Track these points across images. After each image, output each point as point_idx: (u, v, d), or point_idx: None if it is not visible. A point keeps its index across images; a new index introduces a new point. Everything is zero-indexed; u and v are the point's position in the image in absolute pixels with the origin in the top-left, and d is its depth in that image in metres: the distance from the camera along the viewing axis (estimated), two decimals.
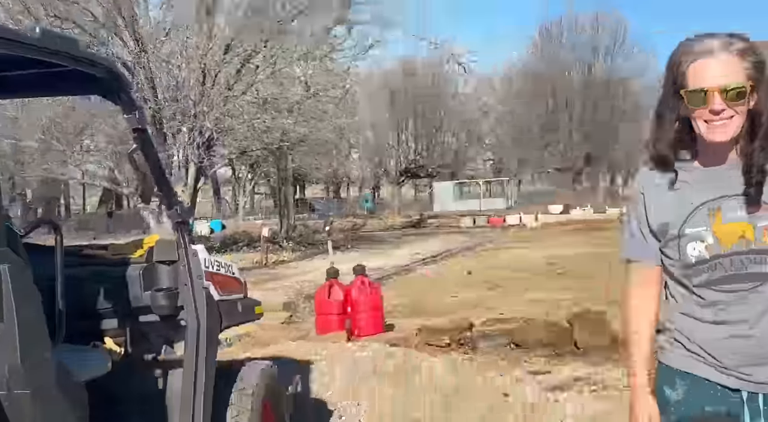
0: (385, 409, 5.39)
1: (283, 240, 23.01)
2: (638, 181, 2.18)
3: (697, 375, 2.04)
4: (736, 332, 1.97)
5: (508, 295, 11.15)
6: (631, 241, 2.15)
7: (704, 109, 1.89)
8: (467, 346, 7.52)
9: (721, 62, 1.88)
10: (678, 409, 2.07)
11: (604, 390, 5.99)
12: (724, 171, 1.98)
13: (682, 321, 2.07)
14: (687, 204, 1.98)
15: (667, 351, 2.11)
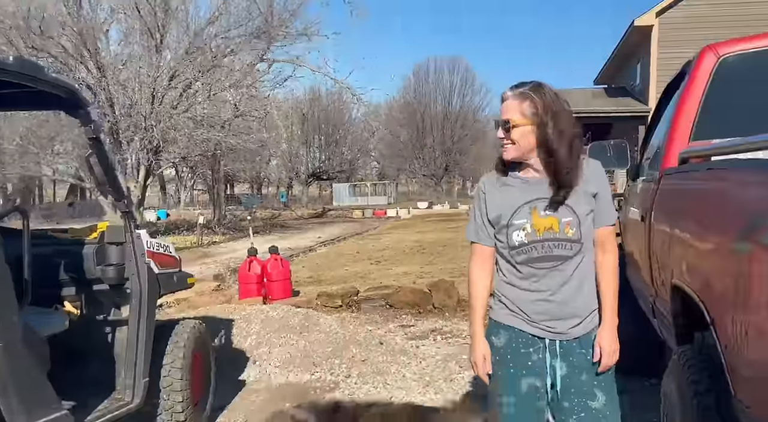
0: (291, 354, 5.35)
1: (215, 226, 22.44)
2: (482, 182, 2.27)
3: (514, 327, 2.19)
4: (543, 297, 2.14)
5: (386, 269, 11.25)
6: (474, 228, 2.27)
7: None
8: (354, 307, 7.55)
9: (506, 104, 2.09)
10: (502, 351, 2.22)
11: (453, 338, 6.15)
12: (541, 180, 2.12)
13: (506, 289, 2.21)
14: (515, 202, 2.13)
15: (495, 310, 2.26)
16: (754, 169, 1.83)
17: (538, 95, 2.06)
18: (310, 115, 50.68)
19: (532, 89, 2.07)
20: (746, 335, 1.67)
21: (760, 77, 3.03)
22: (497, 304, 2.24)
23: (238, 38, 19.01)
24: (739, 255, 1.72)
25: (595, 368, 2.16)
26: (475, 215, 2.26)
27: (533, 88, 2.07)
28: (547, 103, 2.06)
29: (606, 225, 2.20)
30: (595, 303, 2.20)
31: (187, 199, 44.49)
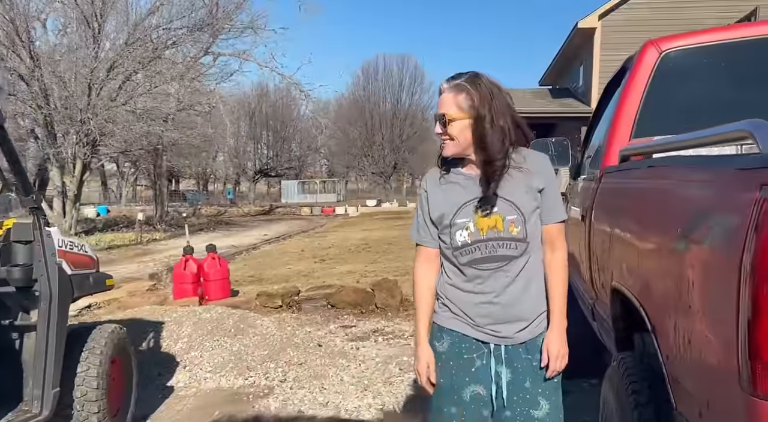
0: (224, 357, 5.09)
1: (156, 223, 21.74)
2: (424, 180, 2.14)
3: (457, 331, 2.05)
4: (488, 299, 2.00)
5: (330, 267, 11.02)
6: (417, 228, 2.13)
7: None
8: (295, 307, 7.30)
9: (442, 97, 1.95)
10: (444, 357, 2.08)
11: (394, 339, 5.99)
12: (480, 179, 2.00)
13: (450, 291, 2.07)
14: (457, 200, 2.00)
15: (438, 314, 2.11)
16: (694, 166, 1.71)
17: (474, 87, 1.92)
18: (258, 110, 49.94)
19: (468, 81, 1.92)
20: (689, 344, 1.55)
21: (702, 73, 2.96)
22: (441, 307, 2.11)
23: (180, 30, 18.40)
24: (680, 256, 1.59)
25: (541, 375, 2.05)
26: (418, 214, 2.14)
27: (469, 80, 1.93)
28: (483, 94, 1.91)
29: (554, 222, 2.06)
30: (544, 306, 2.07)
31: (129, 195, 43.17)
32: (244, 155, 50.87)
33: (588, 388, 4.35)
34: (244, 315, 5.87)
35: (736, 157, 1.60)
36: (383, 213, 31.19)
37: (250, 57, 20.72)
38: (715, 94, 2.97)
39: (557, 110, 20.14)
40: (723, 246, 1.35)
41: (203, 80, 20.60)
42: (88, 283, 3.75)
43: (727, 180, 1.40)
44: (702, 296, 1.46)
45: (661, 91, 2.94)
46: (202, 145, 27.20)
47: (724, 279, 1.33)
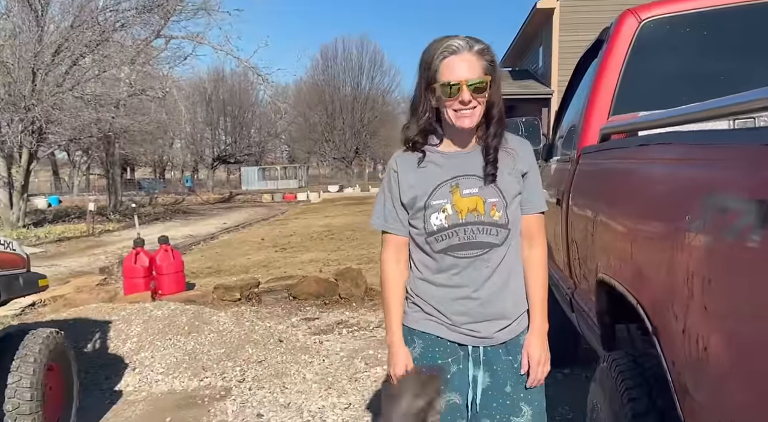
0: (177, 357, 4.77)
1: (110, 213, 20.97)
2: (393, 160, 1.87)
3: (430, 333, 1.82)
4: (465, 294, 1.80)
5: (291, 256, 10.69)
6: (383, 214, 1.86)
7: (454, 100, 1.70)
8: (254, 300, 6.99)
9: (465, 60, 1.69)
10: (416, 364, 1.84)
11: (359, 331, 5.75)
12: (465, 154, 1.82)
13: (421, 287, 1.82)
14: (433, 180, 1.79)
15: (408, 314, 1.86)
16: (701, 143, 1.47)
17: (491, 48, 1.76)
18: (215, 95, 48.85)
19: (485, 44, 1.75)
20: (705, 351, 1.31)
21: (684, 43, 2.74)
22: (410, 307, 1.88)
23: (129, 12, 17.63)
24: (691, 247, 1.36)
25: (524, 377, 1.90)
26: (385, 199, 1.87)
27: (485, 43, 1.76)
28: (495, 55, 1.77)
29: (534, 213, 1.87)
30: (525, 303, 1.89)
31: (82, 185, 41.83)
32: (202, 142, 49.79)
33: (562, 378, 4.19)
34: (199, 310, 5.53)
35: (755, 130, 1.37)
36: (346, 198, 30.83)
37: (204, 40, 20.04)
38: (698, 65, 2.76)
39: (517, 91, 20.04)
40: (754, 237, 1.11)
41: (155, 64, 19.85)
42: (17, 285, 3.39)
43: (751, 157, 1.16)
44: (723, 296, 1.23)
45: (641, 63, 2.72)
46: (156, 132, 26.46)
47: (755, 282, 1.09)
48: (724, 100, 1.39)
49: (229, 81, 49.58)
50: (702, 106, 1.57)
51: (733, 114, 1.43)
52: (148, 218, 20.94)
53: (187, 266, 8.35)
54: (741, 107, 1.32)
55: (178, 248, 11.46)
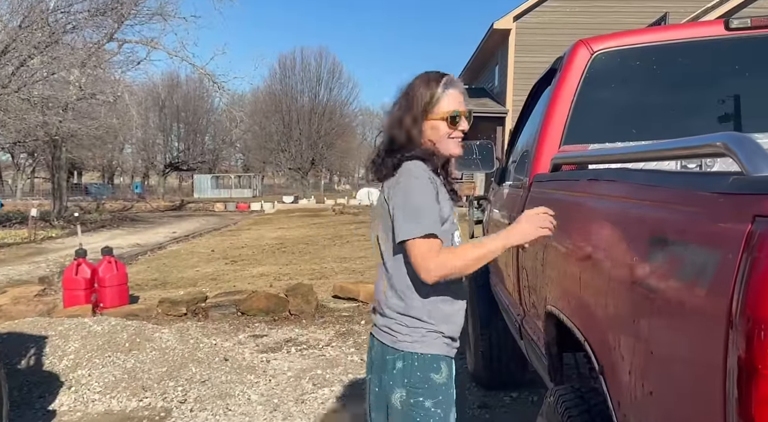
0: (116, 376, 4.58)
1: (54, 219, 20.24)
2: (425, 171, 1.78)
3: (449, 356, 1.86)
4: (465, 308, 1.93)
5: (242, 269, 10.48)
6: (433, 219, 1.75)
7: (455, 129, 1.83)
8: (201, 315, 6.80)
9: (463, 93, 1.85)
10: (444, 389, 1.84)
11: (308, 349, 5.64)
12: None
13: (440, 310, 1.83)
14: (450, 203, 1.87)
15: (428, 342, 1.83)
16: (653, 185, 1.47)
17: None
18: (169, 101, 47.97)
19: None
20: (650, 395, 1.30)
21: (635, 76, 2.79)
22: (429, 335, 1.82)
23: (81, 14, 17.15)
24: (637, 291, 1.35)
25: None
26: (430, 207, 1.74)
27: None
28: None
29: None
30: None
31: (25, 188, 40.37)
32: (154, 147, 48.80)
33: (510, 402, 4.18)
34: (141, 326, 5.34)
35: (710, 175, 1.38)
36: (300, 210, 30.56)
37: (158, 45, 19.63)
38: (648, 98, 2.81)
39: (473, 109, 20.13)
40: (700, 288, 1.10)
41: (107, 68, 19.32)
42: None
43: (704, 205, 1.16)
44: (670, 343, 1.22)
45: (593, 94, 2.75)
46: (106, 137, 25.75)
47: (702, 329, 1.09)
48: (672, 143, 1.39)
49: (184, 87, 48.85)
50: (651, 146, 1.57)
51: (680, 157, 1.43)
52: (94, 225, 20.31)
53: (132, 277, 8.09)
54: (688, 151, 1.33)
55: (123, 258, 11.13)
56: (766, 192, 0.99)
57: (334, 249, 13.10)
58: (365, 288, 7.34)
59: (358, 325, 6.42)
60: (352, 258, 11.29)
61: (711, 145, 1.24)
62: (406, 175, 1.76)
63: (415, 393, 1.79)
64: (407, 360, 1.80)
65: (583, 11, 18.51)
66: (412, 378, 1.79)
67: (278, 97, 48.17)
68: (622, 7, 18.25)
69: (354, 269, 9.88)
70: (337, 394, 4.44)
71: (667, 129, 2.56)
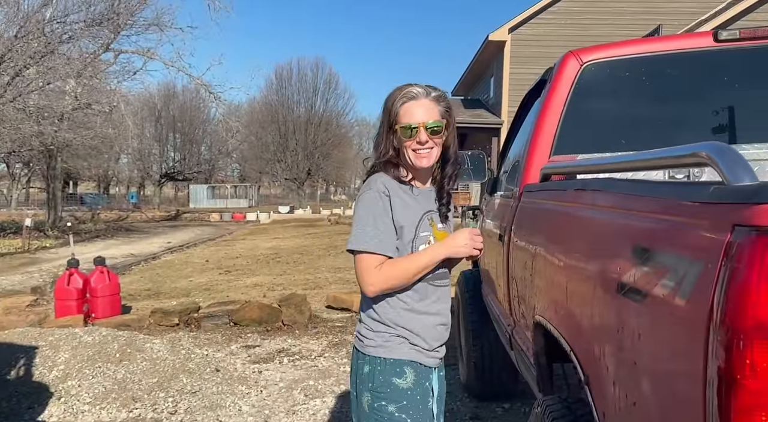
0: (106, 387, 4.55)
1: (48, 229, 20.16)
2: (380, 182, 1.87)
3: (416, 361, 1.87)
4: (441, 321, 1.94)
5: (235, 279, 10.44)
6: (376, 234, 1.81)
7: (413, 141, 1.84)
8: (193, 325, 6.76)
9: (423, 105, 1.85)
10: (409, 394, 1.86)
11: (301, 360, 5.61)
12: (427, 191, 1.96)
13: (406, 318, 1.87)
14: (417, 210, 1.90)
15: (391, 347, 1.87)
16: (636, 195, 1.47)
17: (446, 97, 1.94)
18: (165, 111, 48.01)
19: (441, 91, 1.93)
20: (634, 406, 1.30)
21: (624, 86, 2.80)
22: (393, 339, 1.88)
23: (77, 24, 17.18)
24: (621, 301, 1.35)
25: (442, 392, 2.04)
26: (377, 220, 1.82)
27: (440, 91, 1.93)
28: (450, 104, 1.94)
29: None
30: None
31: (21, 198, 40.25)
32: (150, 157, 48.77)
33: (502, 413, 4.16)
34: (132, 337, 5.31)
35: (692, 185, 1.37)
36: (296, 220, 30.55)
37: (155, 55, 19.70)
38: (637, 109, 2.82)
39: (469, 120, 20.38)
40: (681, 298, 1.10)
41: (103, 78, 19.34)
42: None
43: (686, 215, 1.16)
44: (652, 353, 1.21)
45: (582, 105, 2.75)
46: (101, 146, 25.72)
47: (683, 338, 1.08)
48: (657, 153, 1.39)
49: (180, 97, 48.90)
50: (638, 156, 1.57)
51: (667, 166, 1.44)
52: (88, 235, 20.25)
53: (125, 287, 8.07)
54: (673, 161, 1.33)
55: (117, 268, 11.11)
56: (745, 201, 0.98)
57: (328, 259, 13.08)
58: (359, 298, 7.31)
59: (351, 336, 6.39)
60: (346, 268, 11.27)
61: (694, 154, 1.24)
62: (364, 188, 1.90)
63: (378, 396, 1.84)
64: (372, 364, 1.86)
65: (577, 23, 18.63)
66: (375, 382, 1.85)
67: (275, 107, 48.21)
68: (615, 20, 18.38)
69: (348, 279, 9.86)
70: (329, 405, 4.42)
71: (656, 140, 2.56)
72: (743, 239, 0.95)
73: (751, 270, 0.93)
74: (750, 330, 0.93)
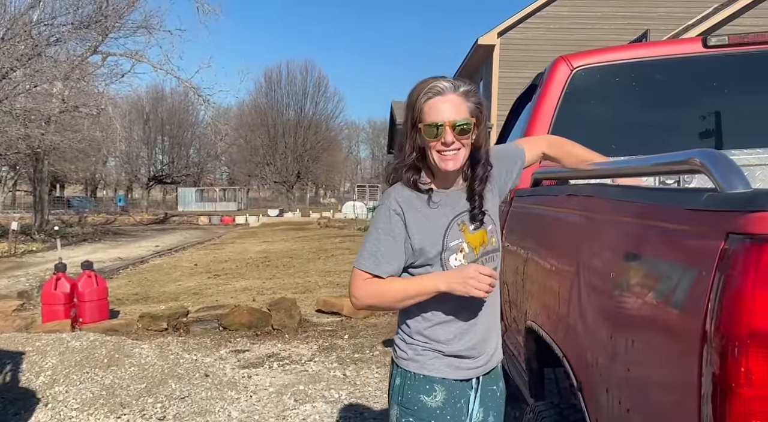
0: (94, 392, 4.50)
1: (35, 232, 19.98)
2: (394, 200, 1.73)
3: (450, 378, 1.73)
4: (475, 325, 1.75)
5: (225, 283, 10.39)
6: (378, 257, 1.71)
7: (437, 141, 1.66)
8: (182, 330, 6.71)
9: (450, 101, 1.66)
10: (439, 413, 1.72)
11: (291, 364, 5.58)
12: (458, 192, 1.76)
13: (437, 331, 1.72)
14: (442, 220, 1.72)
15: (423, 362, 1.74)
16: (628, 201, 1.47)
17: (477, 91, 1.75)
18: (153, 114, 47.77)
19: (471, 86, 1.73)
20: (627, 413, 1.30)
21: (613, 92, 2.82)
22: (425, 354, 1.74)
23: (64, 26, 17.06)
24: (616, 308, 1.35)
25: (502, 404, 1.86)
26: (379, 241, 1.71)
27: (470, 85, 1.73)
28: (482, 98, 1.74)
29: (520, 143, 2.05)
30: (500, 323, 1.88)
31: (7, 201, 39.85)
32: (138, 160, 48.49)
33: None
34: (120, 342, 5.26)
35: (685, 192, 1.38)
36: (285, 223, 30.44)
37: (143, 58, 19.58)
38: (626, 114, 2.83)
39: None
40: (675, 305, 1.10)
41: (91, 81, 19.20)
42: None
43: (679, 222, 1.16)
44: (646, 360, 1.21)
45: (572, 109, 2.76)
46: (89, 149, 25.57)
47: (677, 346, 1.08)
48: (649, 159, 1.40)
49: (169, 100, 48.68)
50: (630, 162, 1.58)
51: (659, 173, 1.44)
52: (75, 239, 20.08)
53: (112, 292, 8.00)
54: (665, 167, 1.33)
55: (104, 272, 11.01)
56: (739, 209, 0.98)
57: (318, 262, 13.04)
58: (349, 302, 7.29)
59: (341, 340, 6.37)
60: (336, 271, 11.24)
61: (687, 161, 1.24)
62: (380, 200, 1.80)
63: (405, 412, 1.73)
64: (403, 377, 1.75)
65: (565, 28, 18.74)
66: (403, 397, 1.74)
67: (264, 110, 48.13)
68: (603, 25, 18.50)
69: (338, 283, 9.83)
70: (319, 410, 4.39)
71: (646, 144, 2.58)
72: (737, 246, 0.96)
73: (746, 277, 0.93)
74: (745, 337, 0.93)
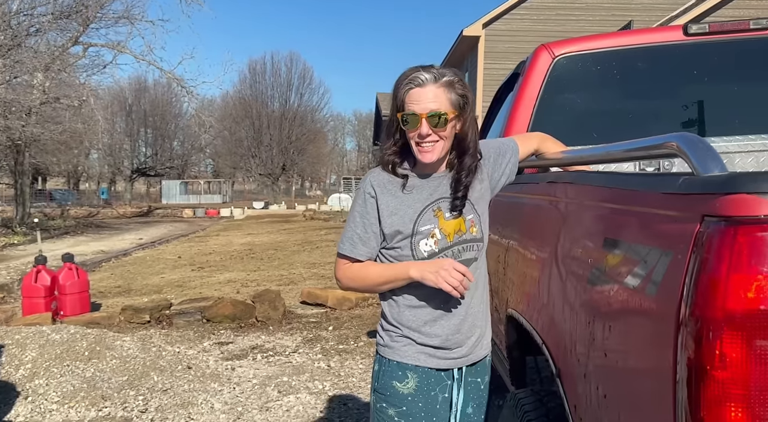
0: (75, 385, 4.45)
1: (16, 225, 19.74)
2: (368, 183, 1.76)
3: (423, 366, 1.73)
4: (453, 313, 1.75)
5: (209, 276, 10.33)
6: (353, 240, 1.76)
7: (414, 132, 1.66)
8: (165, 323, 6.66)
9: (429, 92, 1.64)
10: (409, 399, 1.74)
11: (274, 356, 5.56)
12: (439, 178, 1.76)
13: (408, 316, 1.74)
14: (416, 205, 1.73)
15: (396, 348, 1.75)
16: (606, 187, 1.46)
17: (463, 82, 1.71)
18: (136, 106, 47.30)
19: (454, 74, 1.70)
20: (605, 398, 1.29)
21: (595, 80, 2.81)
22: (398, 341, 1.75)
23: (45, 17, 16.80)
24: (594, 294, 1.35)
25: (485, 398, 1.89)
26: (356, 224, 1.75)
27: (454, 73, 1.70)
28: (468, 89, 1.72)
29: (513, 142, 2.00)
30: (489, 317, 1.88)
31: None
32: (120, 153, 48.03)
33: None
34: (101, 335, 5.21)
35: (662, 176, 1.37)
36: (270, 215, 30.33)
37: (125, 49, 19.37)
38: (608, 102, 2.84)
39: None
40: (651, 289, 1.09)
41: (72, 72, 18.97)
42: None
43: (656, 206, 1.15)
44: (622, 345, 1.21)
45: (554, 97, 2.76)
46: (71, 142, 25.27)
47: (653, 330, 1.08)
48: (627, 144, 1.39)
49: (152, 91, 48.21)
50: (609, 148, 1.57)
51: (638, 158, 1.43)
52: (57, 232, 19.88)
53: (95, 285, 7.93)
54: (643, 152, 1.33)
55: (86, 265, 10.91)
56: (714, 191, 0.98)
57: (303, 254, 13.01)
58: (334, 293, 7.29)
59: (325, 331, 6.36)
60: (321, 263, 11.22)
61: (664, 145, 1.24)
62: (358, 185, 1.81)
63: (380, 398, 1.77)
64: (380, 363, 1.78)
65: (550, 19, 18.77)
66: (378, 382, 1.77)
67: (248, 102, 47.78)
68: (588, 16, 18.55)
69: (323, 275, 9.81)
70: (303, 401, 4.38)
71: (627, 132, 2.58)
72: (712, 229, 0.95)
73: (721, 260, 0.93)
74: (720, 320, 0.92)
